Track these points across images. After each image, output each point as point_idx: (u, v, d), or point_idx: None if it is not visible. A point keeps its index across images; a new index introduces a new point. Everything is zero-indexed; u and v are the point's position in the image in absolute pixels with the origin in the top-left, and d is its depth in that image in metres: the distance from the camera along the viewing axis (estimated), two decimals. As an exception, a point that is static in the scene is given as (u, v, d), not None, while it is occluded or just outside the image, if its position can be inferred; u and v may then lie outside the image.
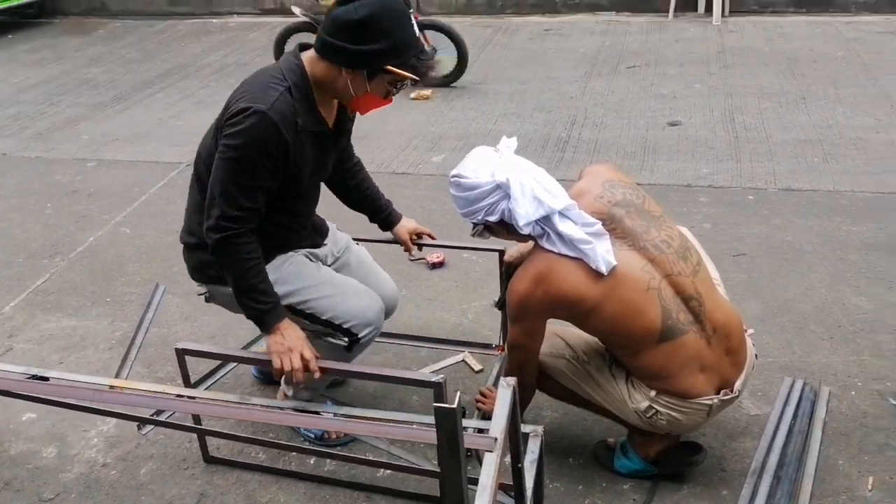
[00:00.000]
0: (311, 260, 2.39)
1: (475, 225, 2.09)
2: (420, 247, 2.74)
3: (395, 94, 2.17)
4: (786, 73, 5.68)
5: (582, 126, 5.04)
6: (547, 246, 1.99)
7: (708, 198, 3.98)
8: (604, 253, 1.95)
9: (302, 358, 2.10)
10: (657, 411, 2.08)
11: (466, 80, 5.96)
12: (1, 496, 2.34)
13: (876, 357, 2.75)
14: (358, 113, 2.25)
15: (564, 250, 1.96)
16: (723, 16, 6.92)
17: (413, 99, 5.60)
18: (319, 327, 2.28)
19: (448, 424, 1.23)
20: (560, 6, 7.55)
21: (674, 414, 2.08)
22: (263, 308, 2.14)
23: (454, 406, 1.20)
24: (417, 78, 2.08)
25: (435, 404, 1.22)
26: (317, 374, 2.12)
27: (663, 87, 5.52)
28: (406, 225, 2.70)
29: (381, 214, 2.68)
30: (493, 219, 2.01)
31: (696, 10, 7.20)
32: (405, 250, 2.72)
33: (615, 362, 2.16)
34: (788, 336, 2.89)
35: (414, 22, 2.08)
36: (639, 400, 2.10)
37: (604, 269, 1.94)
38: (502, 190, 1.98)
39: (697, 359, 2.04)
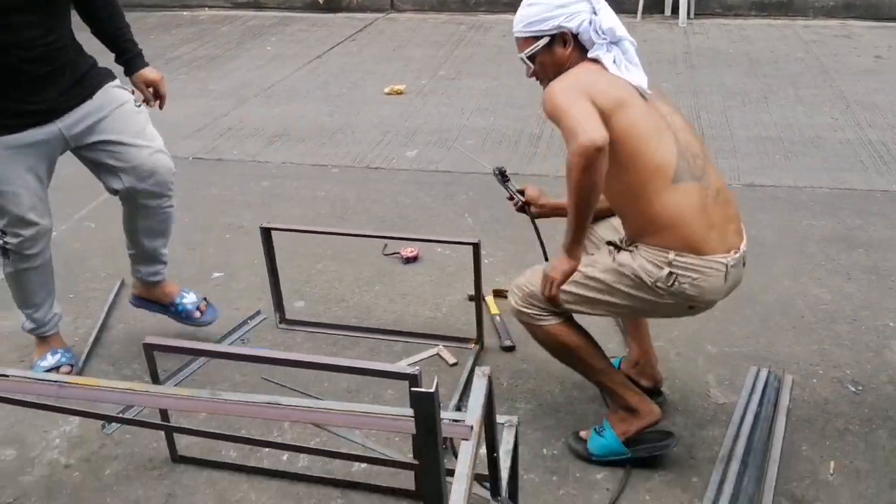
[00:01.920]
0: (23, 155, 2.46)
1: (538, 38, 2.12)
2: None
3: None
4: (748, 74, 5.77)
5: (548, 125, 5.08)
6: (603, 59, 2.08)
7: (675, 194, 4.04)
8: (641, 82, 2.08)
9: None
10: (677, 276, 2.05)
11: (440, 75, 5.97)
12: (-43, 501, 2.28)
13: (835, 346, 2.82)
14: None
15: (613, 68, 2.07)
16: (688, 18, 7.04)
17: (387, 94, 5.59)
18: None
19: (426, 409, 1.22)
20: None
21: (694, 276, 2.04)
22: None
23: (432, 390, 1.20)
24: None
25: (411, 389, 1.21)
26: None
27: (631, 85, 5.58)
28: (146, 74, 2.69)
29: (123, 57, 2.68)
30: (570, 25, 2.07)
31: (662, 12, 7.30)
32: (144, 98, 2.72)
33: (618, 254, 2.15)
34: (753, 327, 2.95)
35: None
36: (657, 272, 2.06)
37: (641, 85, 2.08)
38: (590, 4, 2.08)
39: (706, 213, 2.05)
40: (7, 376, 2.10)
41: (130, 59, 2.67)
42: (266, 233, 2.88)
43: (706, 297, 2.13)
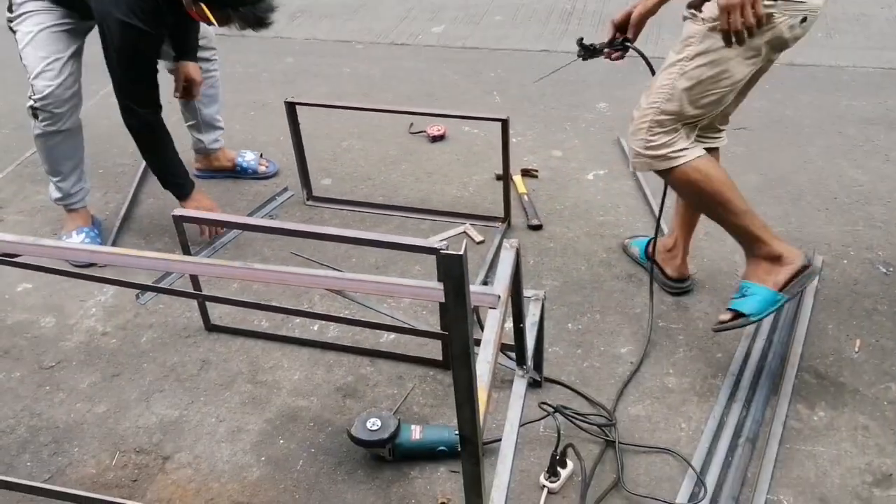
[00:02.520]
0: (69, 34, 2.59)
1: None
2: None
3: (210, 25, 2.43)
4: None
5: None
6: None
7: (710, 73, 3.92)
8: None
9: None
10: None
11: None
12: (0, 364, 2.36)
13: (869, 227, 2.79)
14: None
15: None
16: None
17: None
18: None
19: (455, 272, 1.22)
20: None
21: None
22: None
23: (460, 253, 1.19)
24: (214, 22, 2.37)
25: (440, 252, 1.20)
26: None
27: (668, -42, 5.33)
28: (189, 68, 2.86)
29: (179, 49, 2.85)
30: None
31: None
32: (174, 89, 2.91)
33: (703, 11, 1.98)
34: (785, 207, 2.91)
35: None
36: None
37: None
38: None
39: None
40: (42, 245, 2.14)
41: (186, 52, 2.84)
42: (291, 108, 2.84)
43: None
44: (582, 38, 2.31)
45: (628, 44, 2.23)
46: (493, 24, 4.54)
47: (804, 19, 1.94)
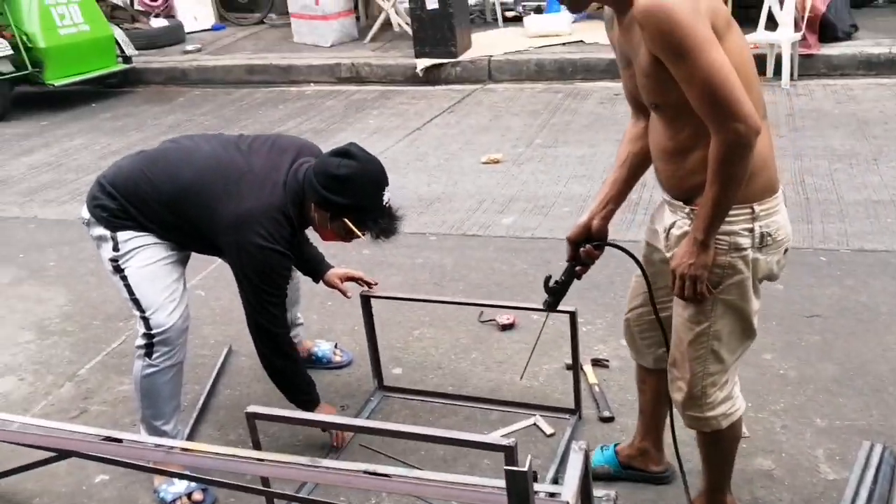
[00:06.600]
0: (178, 264, 2.64)
1: None
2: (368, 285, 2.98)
3: (352, 240, 2.54)
4: (856, 135, 5.58)
5: (653, 188, 4.95)
6: None
7: (781, 259, 3.91)
8: None
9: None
10: (765, 231, 1.87)
11: (537, 143, 6.03)
12: (77, 558, 2.38)
13: (961, 420, 2.63)
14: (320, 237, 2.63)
15: None
16: (791, 79, 6.87)
17: (484, 163, 5.67)
18: (126, 297, 2.55)
19: (519, 487, 1.22)
20: (625, 71, 7.62)
21: (773, 217, 1.88)
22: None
23: (525, 469, 1.20)
24: (372, 236, 2.48)
25: (506, 467, 1.21)
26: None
27: (732, 148, 5.47)
28: (335, 272, 3.01)
29: (310, 264, 3.00)
30: None
31: (765, 74, 7.16)
32: (342, 293, 3.02)
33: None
34: (866, 399, 2.80)
35: (385, 192, 2.44)
36: (746, 240, 1.85)
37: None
38: None
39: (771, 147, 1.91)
40: (121, 441, 2.22)
41: (320, 264, 3.04)
42: (365, 300, 2.95)
43: (787, 232, 1.95)
44: (549, 277, 2.22)
45: (600, 244, 2.16)
46: (560, 216, 4.69)
47: (786, 250, 1.96)
